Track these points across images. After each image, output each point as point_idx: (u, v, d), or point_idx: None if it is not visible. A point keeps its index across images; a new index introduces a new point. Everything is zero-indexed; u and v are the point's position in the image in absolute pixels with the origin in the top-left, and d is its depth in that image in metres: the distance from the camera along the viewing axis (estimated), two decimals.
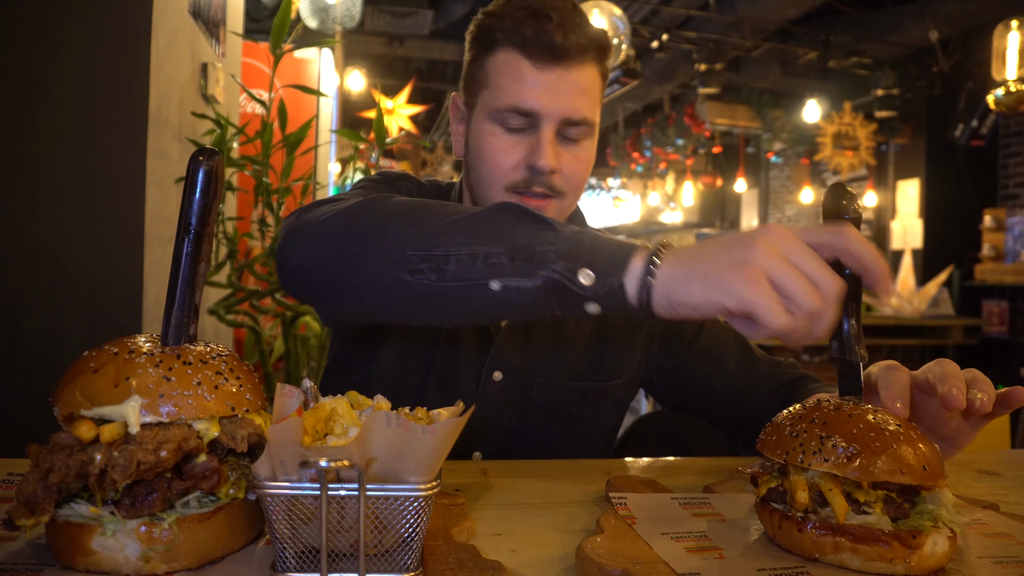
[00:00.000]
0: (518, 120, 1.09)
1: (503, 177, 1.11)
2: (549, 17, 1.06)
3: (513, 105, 1.08)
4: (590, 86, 1.11)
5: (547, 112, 1.07)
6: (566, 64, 1.07)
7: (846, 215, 0.79)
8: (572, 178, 1.13)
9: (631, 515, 0.80)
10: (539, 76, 1.07)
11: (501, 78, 1.09)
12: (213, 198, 0.68)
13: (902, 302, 5.80)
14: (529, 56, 1.07)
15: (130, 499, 0.61)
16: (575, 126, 1.10)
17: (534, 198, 1.10)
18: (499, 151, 1.10)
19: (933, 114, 7.58)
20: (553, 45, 1.06)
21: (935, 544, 0.69)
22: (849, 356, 0.79)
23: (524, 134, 1.10)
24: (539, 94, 1.07)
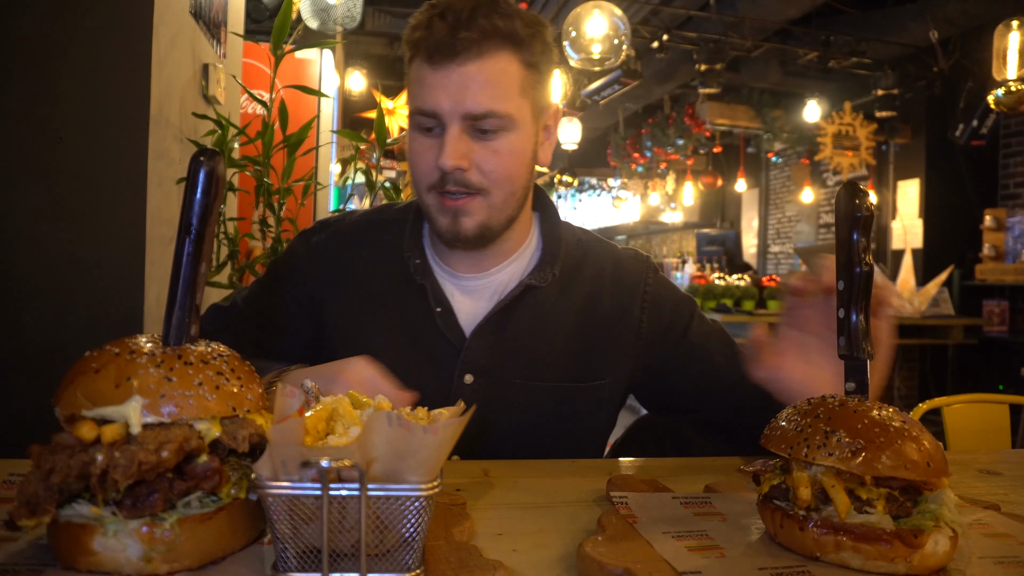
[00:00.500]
0: (427, 122, 1.11)
1: (423, 179, 1.14)
2: (443, 16, 1.07)
3: (416, 107, 1.11)
4: (497, 77, 1.09)
5: (446, 110, 1.08)
6: (462, 59, 1.07)
7: (858, 213, 0.79)
8: (491, 173, 1.12)
9: (632, 514, 0.80)
10: (435, 75, 1.08)
11: (411, 84, 1.13)
12: (214, 199, 0.68)
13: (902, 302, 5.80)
14: (427, 58, 1.09)
15: (131, 499, 0.62)
16: (483, 119, 1.09)
17: (451, 198, 1.12)
18: (416, 154, 1.14)
19: (933, 114, 7.58)
20: (443, 43, 1.06)
21: (937, 544, 0.69)
22: (856, 352, 0.79)
23: (436, 135, 1.11)
24: (436, 93, 1.08)
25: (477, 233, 1.15)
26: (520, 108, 1.12)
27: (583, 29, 4.99)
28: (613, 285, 1.29)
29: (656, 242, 15.22)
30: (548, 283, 1.23)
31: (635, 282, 1.30)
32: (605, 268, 1.31)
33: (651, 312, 1.29)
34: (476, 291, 1.24)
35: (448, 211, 1.13)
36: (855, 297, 0.80)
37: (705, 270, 8.16)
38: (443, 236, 1.16)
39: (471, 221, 1.14)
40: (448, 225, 1.14)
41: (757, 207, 11.37)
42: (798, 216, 10.32)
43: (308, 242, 1.31)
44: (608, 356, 1.26)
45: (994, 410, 2.36)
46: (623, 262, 1.33)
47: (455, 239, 1.15)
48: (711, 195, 12.26)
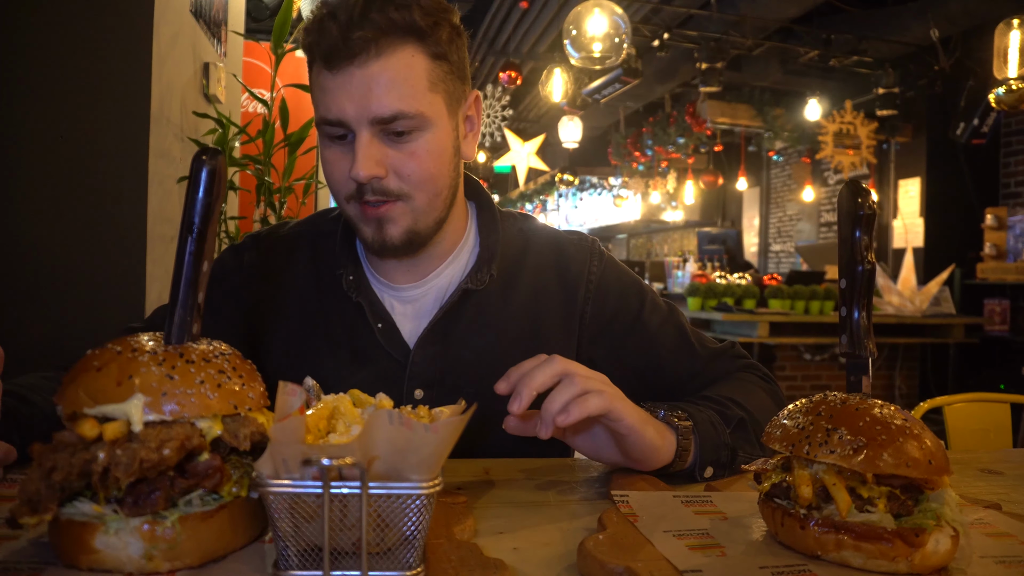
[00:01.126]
0: (334, 131, 1.04)
1: (340, 190, 1.07)
2: (335, 17, 0.99)
3: (321, 117, 1.04)
4: (402, 74, 1.01)
5: (352, 117, 1.01)
6: (360, 60, 0.99)
7: (860, 212, 0.79)
8: (410, 177, 1.05)
9: (633, 513, 0.80)
10: (335, 80, 1.00)
11: (313, 92, 1.05)
12: (216, 197, 0.68)
13: (903, 301, 5.80)
14: (324, 63, 1.01)
15: (133, 497, 0.62)
16: (393, 122, 1.01)
17: (371, 207, 1.06)
18: (329, 164, 1.07)
19: (934, 113, 7.58)
20: (336, 46, 0.99)
21: (938, 543, 0.69)
22: (858, 351, 0.79)
23: (347, 143, 1.04)
24: (339, 99, 1.00)
25: (405, 240, 1.08)
26: (432, 104, 1.04)
27: (584, 28, 4.99)
28: (557, 275, 1.23)
29: (657, 241, 15.21)
30: (487, 284, 1.17)
31: (579, 270, 1.24)
32: (547, 258, 1.24)
33: (595, 301, 1.23)
34: (416, 300, 1.18)
35: (371, 220, 1.07)
36: (857, 295, 0.80)
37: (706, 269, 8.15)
38: (370, 246, 1.10)
39: (396, 228, 1.07)
40: (373, 234, 1.08)
41: (758, 206, 11.36)
42: (799, 215, 10.32)
43: (240, 260, 1.23)
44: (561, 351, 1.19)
45: (995, 409, 2.36)
46: (566, 250, 1.26)
47: (383, 248, 1.09)
48: (712, 194, 12.26)
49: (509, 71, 7.66)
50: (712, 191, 11.87)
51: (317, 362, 1.16)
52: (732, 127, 9.02)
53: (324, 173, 1.10)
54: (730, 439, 1.02)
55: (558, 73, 7.05)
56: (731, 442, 1.02)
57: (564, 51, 5.18)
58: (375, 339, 1.14)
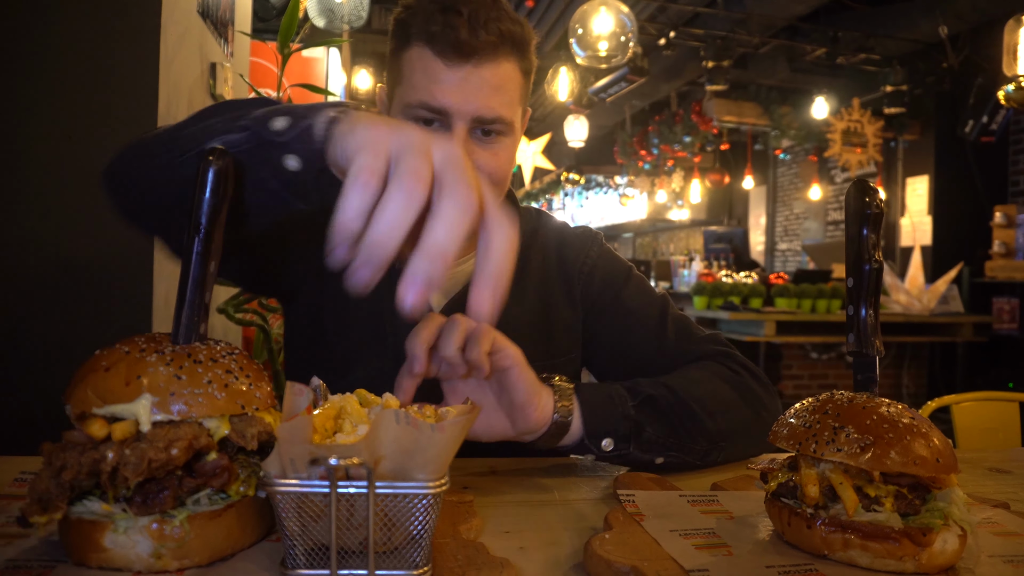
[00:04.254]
0: (428, 115, 1.07)
1: None
2: (459, 12, 1.04)
3: (423, 102, 1.06)
4: (506, 83, 1.09)
5: (458, 110, 1.06)
6: (476, 61, 1.05)
7: (868, 210, 0.79)
8: (490, 175, 1.11)
9: (639, 512, 0.80)
10: (448, 73, 1.05)
11: (414, 74, 1.08)
12: (223, 198, 0.68)
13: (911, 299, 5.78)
14: (438, 53, 1.05)
15: (142, 496, 0.62)
16: (490, 124, 1.08)
17: None
18: None
19: (943, 110, 7.54)
20: (461, 42, 1.04)
21: (945, 542, 0.69)
22: (865, 349, 0.79)
23: (434, 131, 1.08)
24: (449, 91, 1.05)
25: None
26: (516, 114, 1.13)
27: (590, 26, 4.98)
28: (559, 262, 1.30)
29: (663, 240, 15.19)
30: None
31: (577, 256, 1.31)
32: (551, 248, 1.32)
33: (586, 281, 1.30)
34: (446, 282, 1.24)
35: None
36: (864, 294, 0.79)
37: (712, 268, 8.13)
38: None
39: None
40: None
41: (765, 204, 11.33)
42: (806, 213, 10.29)
43: None
44: (568, 334, 1.27)
45: (1004, 408, 2.35)
46: (568, 239, 1.33)
47: None
48: (718, 192, 12.23)
49: None
50: (718, 190, 11.84)
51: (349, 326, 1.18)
52: (738, 125, 8.99)
53: None
54: (633, 412, 1.00)
55: (564, 72, 7.05)
56: (634, 415, 1.00)
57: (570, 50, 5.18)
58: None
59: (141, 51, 1.84)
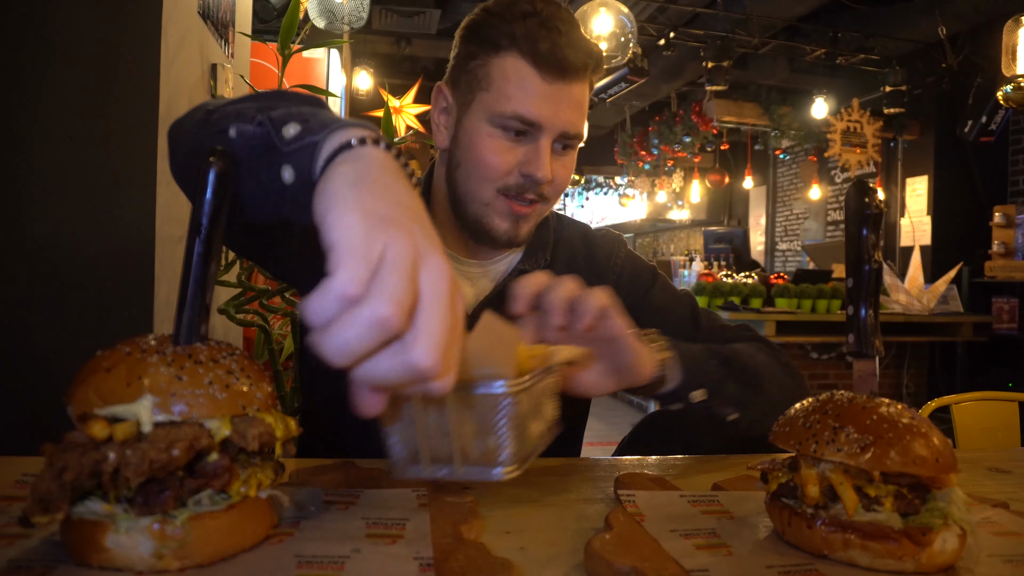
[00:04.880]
0: (519, 126, 1.11)
1: (497, 179, 1.14)
2: (559, 31, 1.09)
3: (519, 113, 1.10)
4: (584, 101, 1.16)
5: (549, 124, 1.11)
6: (569, 79, 1.11)
7: (868, 211, 0.79)
8: (559, 186, 1.18)
9: (640, 512, 0.81)
10: (547, 88, 1.10)
11: (507, 84, 1.11)
12: (223, 199, 0.68)
13: (911, 299, 5.78)
14: (538, 67, 1.09)
15: (143, 497, 0.62)
16: (571, 139, 1.15)
17: (523, 204, 1.15)
18: (497, 153, 1.13)
19: (942, 110, 7.54)
20: (564, 61, 1.09)
21: (945, 542, 0.69)
22: (865, 349, 0.79)
23: (522, 141, 1.13)
24: (545, 106, 1.10)
25: (527, 237, 1.20)
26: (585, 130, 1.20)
27: (590, 27, 4.98)
28: (586, 263, 1.34)
29: (663, 240, 15.19)
30: (541, 267, 1.26)
31: (605, 256, 1.36)
32: (578, 247, 1.36)
33: (615, 282, 1.33)
34: (476, 277, 1.27)
35: (513, 216, 1.16)
36: (864, 294, 0.80)
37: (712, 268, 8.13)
38: (497, 237, 1.18)
39: (527, 226, 1.19)
40: (508, 230, 1.17)
41: (765, 204, 11.33)
42: (806, 213, 10.29)
43: None
44: None
45: (1004, 408, 2.35)
46: (594, 240, 1.38)
47: (509, 241, 1.19)
48: (718, 193, 12.23)
49: None
50: (718, 190, 11.84)
51: None
52: (738, 126, 8.99)
53: (478, 158, 1.14)
54: (716, 369, 1.07)
55: None
56: (717, 371, 1.07)
57: None
58: None
59: (142, 52, 1.84)
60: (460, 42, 1.19)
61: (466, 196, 1.18)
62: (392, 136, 2.59)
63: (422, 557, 0.66)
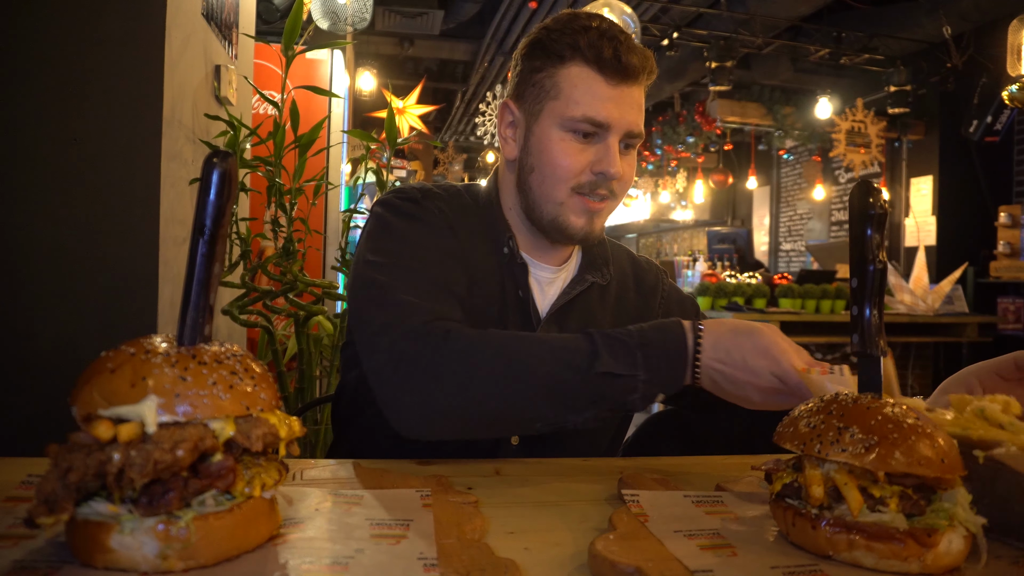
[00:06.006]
0: (589, 128, 1.19)
1: (571, 179, 1.21)
2: (619, 40, 1.18)
3: (588, 116, 1.18)
4: (643, 102, 1.24)
5: (616, 124, 1.18)
6: (630, 82, 1.19)
7: (872, 211, 0.79)
8: (626, 183, 1.25)
9: (644, 513, 0.81)
10: (612, 92, 1.18)
11: (575, 90, 1.19)
12: (227, 199, 0.68)
13: (915, 299, 5.76)
14: (603, 73, 1.18)
15: (147, 498, 0.62)
16: (634, 139, 1.22)
17: (596, 200, 1.22)
18: (570, 155, 1.20)
19: (947, 110, 7.52)
20: (625, 65, 1.17)
21: (950, 543, 0.69)
22: (870, 349, 0.79)
23: (591, 142, 1.20)
24: (611, 108, 1.18)
25: (601, 233, 1.28)
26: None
27: None
28: (635, 284, 1.42)
29: (667, 240, 15.17)
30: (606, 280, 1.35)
31: (653, 282, 1.44)
32: (626, 269, 1.43)
33: (664, 307, 1.42)
34: (547, 282, 1.33)
35: (588, 212, 1.23)
36: (869, 294, 0.79)
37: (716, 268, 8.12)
38: (573, 233, 1.24)
39: (601, 222, 1.26)
40: (584, 225, 1.23)
41: (768, 205, 11.31)
42: (810, 213, 10.27)
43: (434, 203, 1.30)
44: None
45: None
46: (640, 264, 1.47)
47: (585, 238, 1.25)
48: (722, 193, 12.21)
49: None
50: (722, 190, 11.83)
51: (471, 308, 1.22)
52: (742, 126, 8.99)
53: (552, 162, 1.21)
54: None
55: None
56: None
57: None
58: (516, 304, 1.27)
59: (145, 54, 1.85)
60: (522, 59, 1.26)
61: (541, 199, 1.24)
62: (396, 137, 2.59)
63: (426, 557, 0.66)
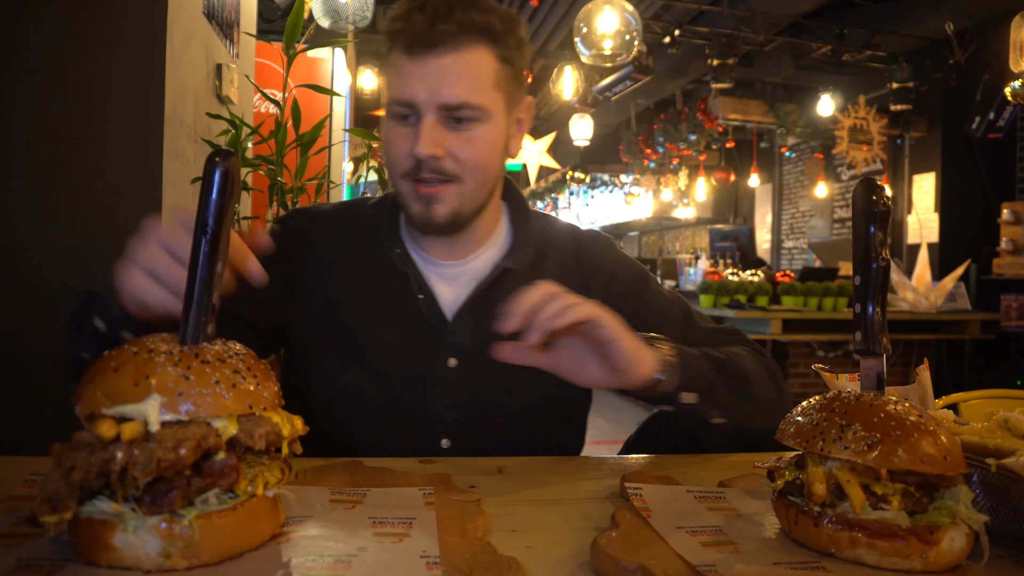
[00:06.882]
0: (403, 111, 1.13)
1: (398, 166, 1.16)
2: (422, 8, 1.10)
3: (394, 97, 1.13)
4: (474, 70, 1.12)
5: (423, 100, 1.10)
6: (439, 51, 1.09)
7: (875, 208, 0.79)
8: (466, 162, 1.15)
9: (646, 507, 0.81)
10: (413, 66, 1.10)
11: (389, 74, 1.15)
12: (229, 198, 0.68)
13: (918, 297, 5.75)
14: (405, 48, 1.11)
15: (151, 496, 0.62)
16: (458, 110, 1.12)
17: (425, 185, 1.15)
18: (391, 142, 1.16)
19: (949, 107, 7.51)
20: (419, 35, 1.09)
21: (952, 540, 0.69)
22: (873, 347, 0.79)
23: (411, 124, 1.13)
24: (413, 83, 1.10)
25: (449, 220, 1.18)
26: (494, 100, 1.15)
27: (594, 25, 4.97)
28: (576, 263, 1.33)
29: (669, 238, 15.16)
30: (523, 265, 1.27)
31: (596, 257, 1.35)
32: (568, 248, 1.35)
33: (606, 283, 1.33)
34: (454, 278, 1.27)
35: (422, 198, 1.16)
36: (871, 292, 0.79)
37: (718, 266, 8.11)
38: (416, 222, 1.19)
39: (443, 208, 1.17)
40: (421, 211, 1.17)
41: (770, 202, 11.30)
42: (812, 211, 10.26)
43: (286, 226, 1.32)
44: None
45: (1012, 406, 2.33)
46: (584, 241, 1.38)
47: (427, 225, 1.18)
48: (724, 190, 12.20)
49: None
50: (724, 188, 11.82)
51: (358, 327, 1.23)
52: (744, 123, 8.97)
53: (385, 150, 1.20)
54: (710, 373, 1.09)
55: (569, 71, 7.04)
56: (711, 376, 1.09)
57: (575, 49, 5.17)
58: (416, 309, 1.22)
59: (147, 53, 1.85)
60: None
61: (395, 191, 1.22)
62: None
63: (429, 556, 0.66)
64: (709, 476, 1.01)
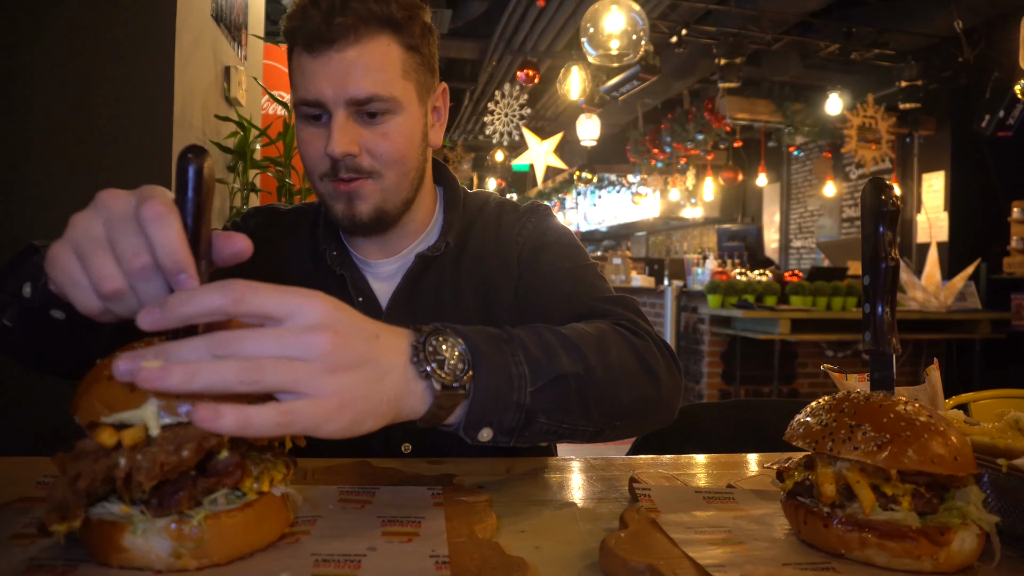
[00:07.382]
0: (312, 111, 1.10)
1: (315, 168, 1.13)
2: (316, 4, 1.06)
3: (301, 98, 1.10)
4: (379, 61, 1.08)
5: (330, 97, 1.07)
6: (339, 45, 1.06)
7: (884, 208, 0.78)
8: (382, 156, 1.11)
9: (655, 507, 0.80)
10: (314, 64, 1.07)
11: (293, 75, 1.12)
12: (206, 196, 0.66)
13: (928, 296, 5.73)
14: (305, 46, 1.07)
15: (157, 499, 0.62)
16: (367, 103, 1.08)
17: (344, 183, 1.12)
18: (305, 143, 1.13)
19: (958, 105, 7.47)
20: (317, 31, 1.05)
21: (963, 541, 0.68)
22: (882, 346, 0.78)
23: (323, 124, 1.11)
24: (317, 81, 1.07)
25: (373, 217, 1.15)
26: (404, 91, 1.12)
27: (601, 25, 4.97)
28: (495, 240, 1.28)
29: (677, 238, 15.14)
30: (442, 252, 1.23)
31: (512, 229, 1.28)
32: (490, 224, 1.29)
33: (519, 253, 1.26)
34: (390, 277, 1.25)
35: (342, 196, 1.13)
36: (881, 291, 0.79)
37: (726, 266, 8.09)
38: (341, 222, 1.16)
39: (366, 205, 1.14)
40: (344, 210, 1.14)
41: (779, 202, 11.27)
42: (820, 210, 10.22)
43: (247, 224, 1.32)
44: (508, 307, 1.24)
45: (1023, 406, 2.32)
46: (506, 214, 1.30)
47: (351, 224, 1.15)
48: (732, 190, 12.17)
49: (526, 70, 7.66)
50: (732, 187, 11.79)
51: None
52: (751, 123, 8.95)
53: (300, 153, 1.16)
54: (529, 399, 0.79)
55: (576, 71, 7.04)
56: (530, 403, 0.79)
57: (581, 49, 5.17)
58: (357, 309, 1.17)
59: (156, 56, 1.86)
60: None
61: (316, 194, 1.19)
62: None
63: (438, 555, 0.66)
64: (717, 477, 1.01)
